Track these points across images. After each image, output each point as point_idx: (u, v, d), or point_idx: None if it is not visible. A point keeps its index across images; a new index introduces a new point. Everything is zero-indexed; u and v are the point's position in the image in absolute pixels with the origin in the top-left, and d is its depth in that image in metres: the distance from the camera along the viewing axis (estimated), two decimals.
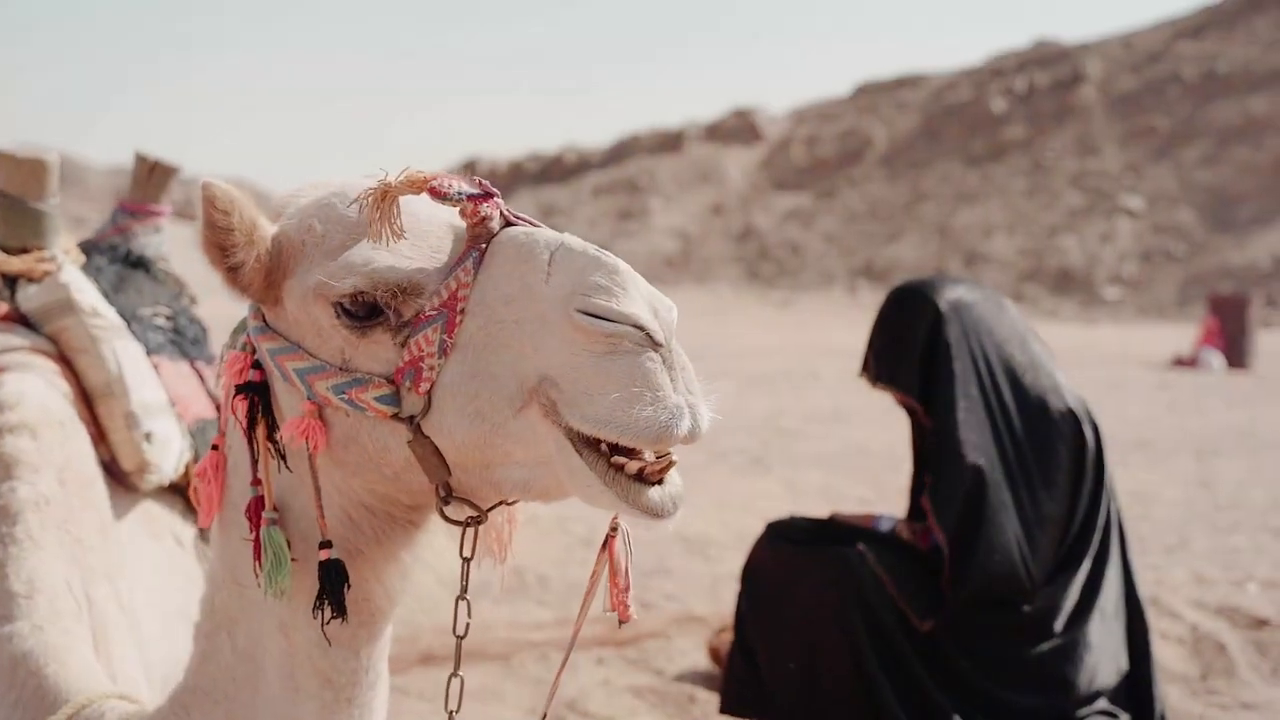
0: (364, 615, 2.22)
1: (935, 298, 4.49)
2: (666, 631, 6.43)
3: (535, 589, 7.58)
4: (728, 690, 4.78)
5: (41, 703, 2.57)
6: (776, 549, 4.60)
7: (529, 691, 5.69)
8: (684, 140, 62.54)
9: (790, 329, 31.31)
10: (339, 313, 2.04)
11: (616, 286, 1.86)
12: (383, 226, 2.00)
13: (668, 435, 1.83)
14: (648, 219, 54.89)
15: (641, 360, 1.84)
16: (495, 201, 2.00)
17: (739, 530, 9.23)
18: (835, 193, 53.15)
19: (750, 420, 15.18)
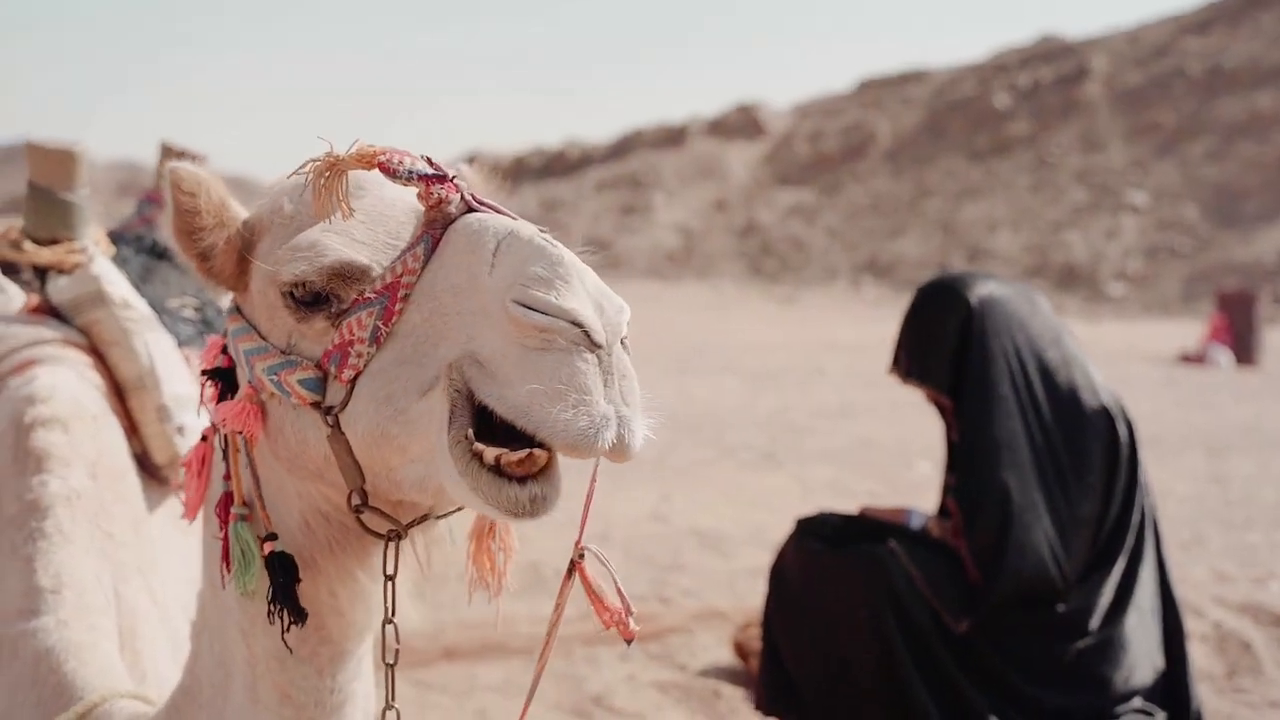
0: (321, 634, 2.11)
1: (966, 293, 4.46)
2: (689, 626, 6.42)
3: (552, 583, 7.55)
4: (762, 690, 4.75)
5: (59, 699, 2.55)
6: (806, 546, 4.57)
7: (553, 686, 5.67)
8: (687, 136, 62.46)
9: (794, 325, 31.26)
10: (285, 297, 1.95)
11: (559, 279, 1.70)
12: (327, 204, 1.88)
13: (585, 443, 1.68)
14: (651, 214, 54.82)
15: (572, 359, 1.67)
16: (455, 185, 1.86)
17: (753, 525, 9.22)
18: (839, 188, 53.07)
19: (758, 416, 15.16)
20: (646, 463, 11.90)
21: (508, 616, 6.61)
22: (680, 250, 51.72)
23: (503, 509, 1.75)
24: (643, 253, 51.35)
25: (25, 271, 3.97)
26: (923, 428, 13.88)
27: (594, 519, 6.55)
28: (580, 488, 1.97)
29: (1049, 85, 52.37)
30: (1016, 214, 45.08)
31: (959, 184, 49.23)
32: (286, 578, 2.02)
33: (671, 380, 18.40)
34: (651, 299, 39.13)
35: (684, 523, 9.29)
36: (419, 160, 1.86)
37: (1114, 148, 46.76)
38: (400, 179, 1.85)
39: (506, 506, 1.75)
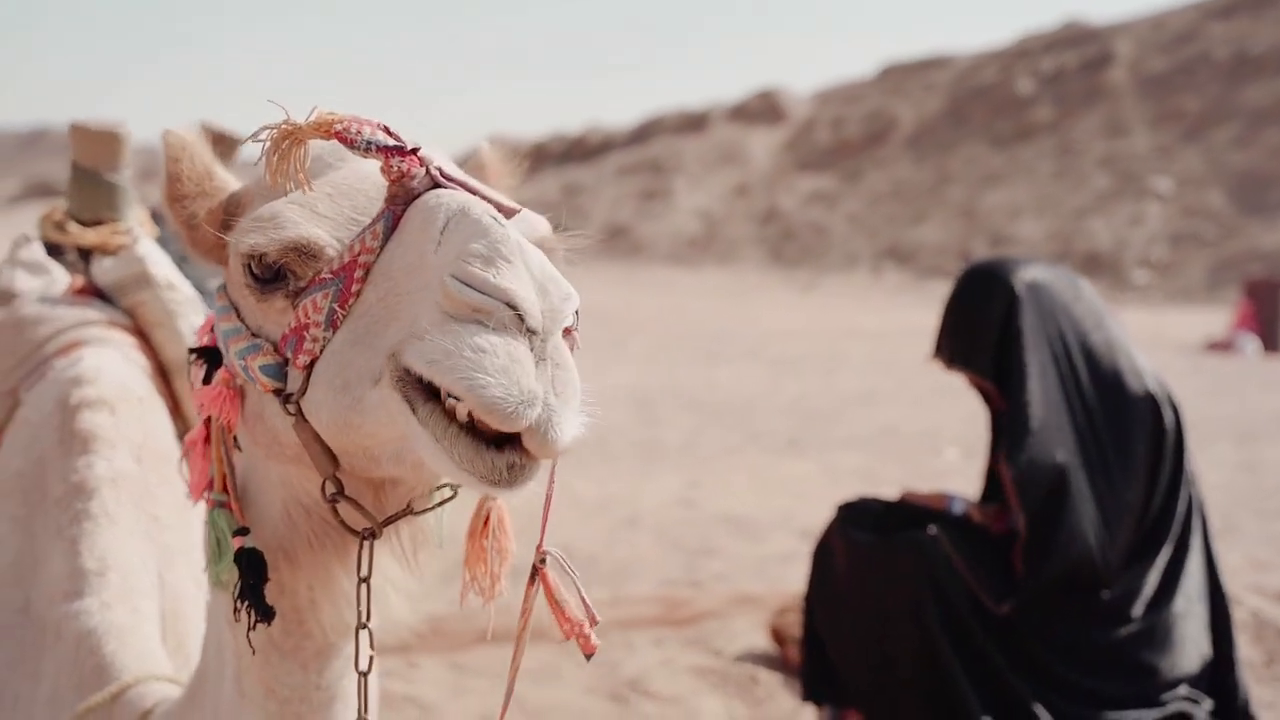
0: (303, 629, 2.02)
1: (1010, 278, 4.42)
2: (723, 611, 6.41)
3: (584, 568, 7.50)
4: (806, 677, 4.73)
5: (98, 681, 2.55)
6: (848, 532, 4.55)
7: (587, 671, 5.67)
8: (708, 121, 62.34)
9: (815, 311, 31.20)
10: (245, 272, 1.85)
11: (499, 258, 1.58)
12: (281, 174, 1.75)
13: (501, 409, 1.51)
14: (671, 200, 54.75)
15: (499, 337, 1.55)
16: (420, 158, 1.73)
17: (781, 511, 9.22)
18: (860, 174, 52.90)
19: (782, 402, 15.14)
20: (673, 448, 11.91)
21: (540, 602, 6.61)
22: (701, 236, 51.64)
23: (479, 475, 1.60)
24: (663, 238, 51.29)
25: (70, 253, 3.97)
26: (948, 415, 13.86)
27: (623, 503, 6.63)
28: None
29: (1073, 71, 52.10)
30: (1039, 201, 44.88)
31: (981, 170, 49.02)
32: (254, 576, 1.93)
33: (695, 366, 18.40)
34: (672, 285, 39.13)
35: (713, 508, 9.28)
36: (378, 130, 1.74)
37: (1138, 134, 46.50)
38: (359, 150, 1.73)
39: (483, 473, 1.59)
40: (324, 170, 1.88)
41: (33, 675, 2.77)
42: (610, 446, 11.85)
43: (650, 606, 6.51)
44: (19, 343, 3.68)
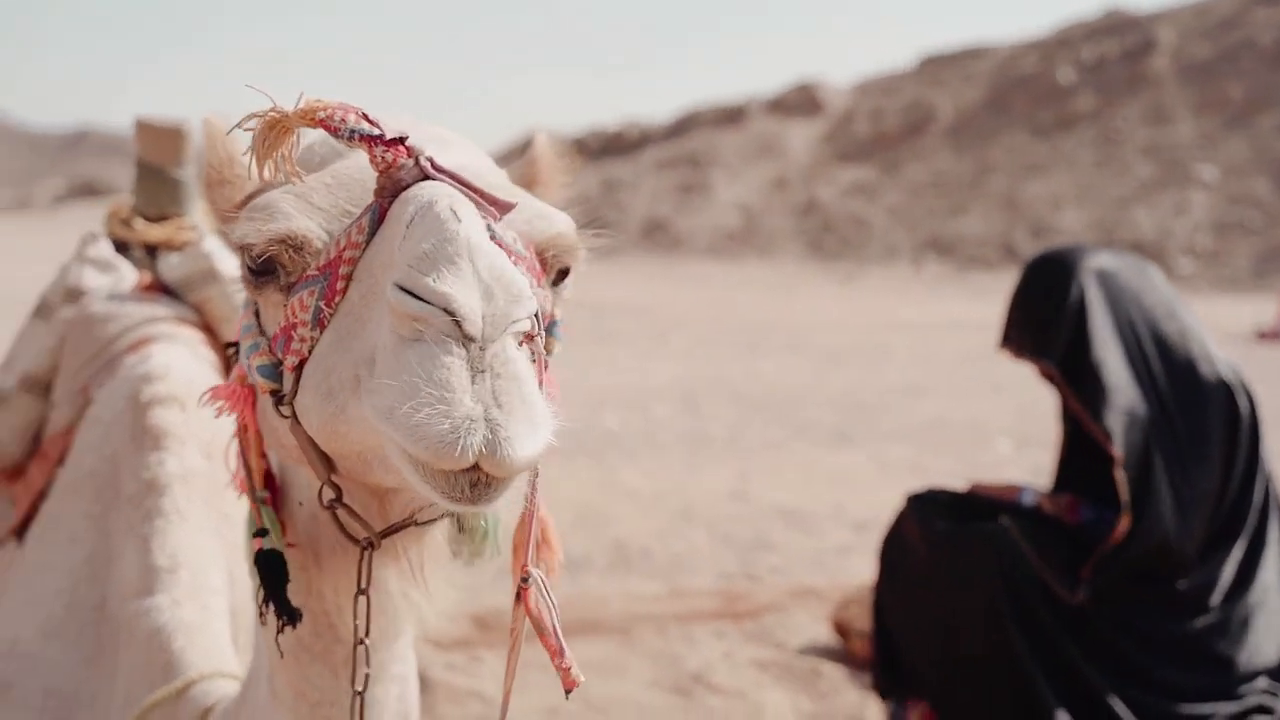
0: (333, 633, 1.98)
1: (1078, 266, 4.36)
2: (783, 604, 6.38)
3: (639, 562, 7.55)
4: (875, 669, 4.70)
5: (167, 677, 2.56)
6: (916, 524, 4.50)
7: (649, 664, 5.65)
8: (746, 114, 62.20)
9: (856, 304, 31.06)
10: (241, 264, 1.80)
11: (444, 259, 1.49)
12: (267, 163, 1.68)
13: (444, 450, 1.41)
14: (710, 194, 54.63)
15: (435, 351, 1.45)
16: (408, 148, 1.64)
17: (834, 504, 9.18)
18: (899, 166, 52.63)
19: (828, 395, 15.08)
20: (720, 441, 11.88)
21: (598, 594, 6.61)
22: (740, 229, 51.51)
23: (440, 492, 1.50)
24: (703, 232, 51.17)
25: (136, 249, 3.99)
26: (997, 407, 13.78)
27: (674, 496, 6.60)
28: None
29: (1115, 59, 51.65)
30: (1081, 190, 44.54)
31: (1022, 161, 48.68)
32: (274, 579, 1.89)
33: (738, 359, 18.36)
34: (711, 279, 39.05)
35: (765, 501, 9.25)
36: (367, 120, 1.65)
37: (1182, 122, 46.06)
38: (343, 139, 1.64)
39: (444, 490, 1.49)
40: (333, 159, 1.82)
41: (109, 673, 2.78)
42: (657, 439, 11.84)
43: (710, 600, 6.49)
44: (89, 340, 3.70)
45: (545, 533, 2.07)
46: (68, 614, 2.94)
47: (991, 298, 29.16)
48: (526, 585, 1.66)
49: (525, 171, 2.14)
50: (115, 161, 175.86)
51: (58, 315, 3.92)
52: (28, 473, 3.72)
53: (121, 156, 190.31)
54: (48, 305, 4.01)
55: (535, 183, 2.13)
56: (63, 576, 3.00)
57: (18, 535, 3.49)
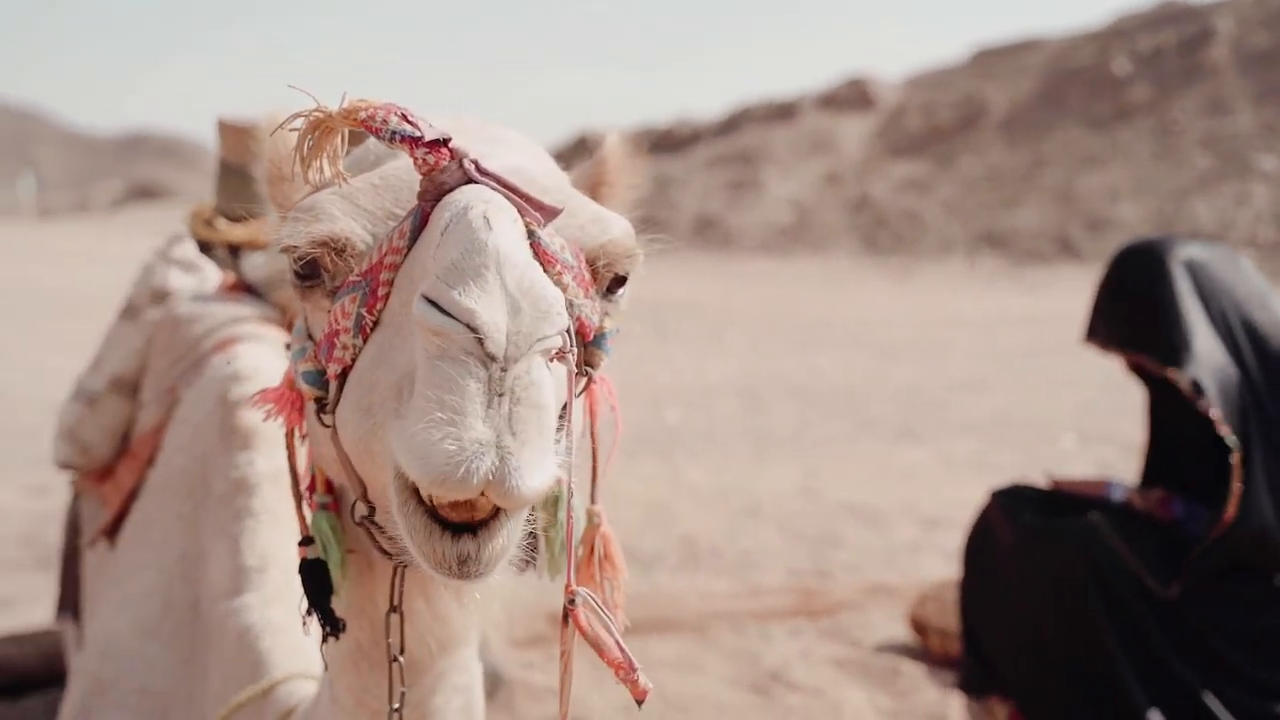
0: (388, 643, 1.93)
1: (1167, 257, 4.28)
2: (858, 602, 6.33)
3: (708, 559, 7.52)
4: (962, 667, 4.64)
5: (254, 677, 2.56)
6: (1004, 520, 4.44)
7: (726, 662, 5.63)
8: (797, 110, 61.97)
9: (912, 299, 30.82)
10: (288, 266, 1.74)
11: (470, 271, 1.41)
12: (310, 166, 1.63)
13: (447, 476, 1.35)
14: (762, 190, 54.47)
15: (454, 371, 1.38)
16: (451, 150, 1.58)
17: (902, 500, 9.11)
18: (953, 160, 52.24)
19: (890, 390, 14.97)
20: (782, 437, 11.83)
21: (673, 592, 6.59)
22: (792, 226, 51.32)
23: (430, 563, 1.46)
24: (754, 229, 51.02)
25: (219, 249, 4.02)
26: (1060, 401, 13.64)
27: (740, 492, 6.55)
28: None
29: (1172, 49, 51.01)
30: (1139, 183, 44.03)
31: (1077, 153, 48.20)
32: (318, 588, 1.86)
33: (796, 355, 18.28)
34: (765, 275, 38.95)
35: (833, 497, 9.18)
36: (409, 120, 1.58)
37: (1242, 112, 45.42)
38: (384, 140, 1.58)
39: (433, 561, 1.45)
40: (386, 160, 1.78)
41: (203, 672, 2.80)
42: (719, 436, 11.80)
43: (784, 597, 6.45)
44: (176, 341, 3.72)
45: (608, 549, 2.01)
46: (162, 613, 2.95)
47: (1048, 292, 28.94)
48: (574, 606, 1.57)
49: (593, 172, 2.09)
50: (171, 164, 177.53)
51: (144, 316, 3.95)
52: (117, 473, 3.76)
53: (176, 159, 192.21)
54: (134, 307, 4.04)
55: (602, 184, 2.08)
56: (156, 576, 3.02)
57: (109, 535, 3.52)
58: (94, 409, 3.84)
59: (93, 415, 3.83)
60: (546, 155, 1.91)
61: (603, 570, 1.99)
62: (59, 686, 4.88)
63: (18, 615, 6.34)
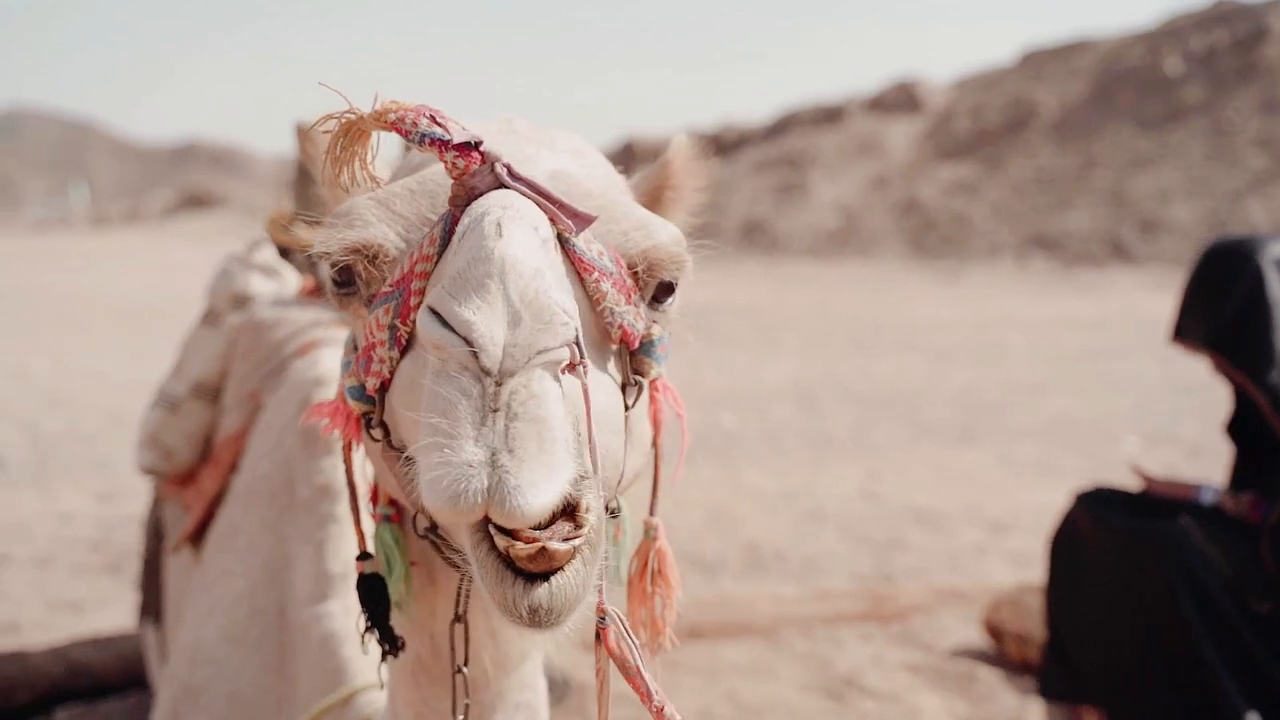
0: (449, 657, 1.88)
1: (1256, 256, 4.20)
2: (929, 606, 6.26)
3: (773, 563, 7.48)
4: (1045, 672, 4.57)
5: (336, 685, 2.55)
6: (1089, 524, 4.37)
7: (798, 666, 5.59)
8: (844, 114, 61.81)
9: (962, 302, 30.61)
10: (325, 274, 1.68)
11: (473, 281, 1.35)
12: (341, 169, 1.57)
13: (443, 505, 1.30)
14: (809, 193, 54.35)
15: (446, 391, 1.33)
16: (482, 153, 1.52)
17: (964, 503, 9.04)
18: (1002, 162, 51.92)
19: (947, 393, 14.86)
20: (842, 441, 11.77)
21: (742, 597, 6.55)
22: (840, 229, 51.16)
23: (502, 610, 1.39)
24: (802, 233, 50.89)
25: (298, 254, 4.03)
26: (1121, 404, 13.50)
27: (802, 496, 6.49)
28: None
29: (1225, 49, 50.49)
30: (1192, 184, 43.59)
31: (1129, 154, 47.78)
32: (376, 604, 1.81)
33: (851, 359, 18.19)
34: (813, 279, 38.80)
35: (896, 501, 9.11)
36: (439, 123, 1.52)
37: None
38: (414, 143, 1.52)
39: (504, 608, 1.39)
40: (427, 164, 1.72)
41: (291, 678, 2.79)
42: (778, 439, 11.75)
43: (853, 601, 6.39)
44: (258, 345, 3.73)
45: (662, 564, 1.93)
46: (249, 620, 2.95)
47: (1100, 294, 28.68)
48: (605, 625, 1.49)
49: (657, 176, 2.03)
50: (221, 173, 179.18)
51: (225, 321, 3.97)
52: (200, 479, 3.77)
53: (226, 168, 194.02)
54: (215, 312, 4.05)
55: (666, 187, 2.02)
56: (242, 582, 3.02)
57: (192, 541, 3.53)
58: (177, 415, 3.85)
59: (175, 421, 3.84)
60: (599, 160, 1.87)
61: (655, 585, 1.91)
62: (137, 690, 4.91)
63: (88, 619, 6.39)
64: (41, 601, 6.73)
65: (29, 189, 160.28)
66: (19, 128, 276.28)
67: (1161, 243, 39.31)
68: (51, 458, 10.76)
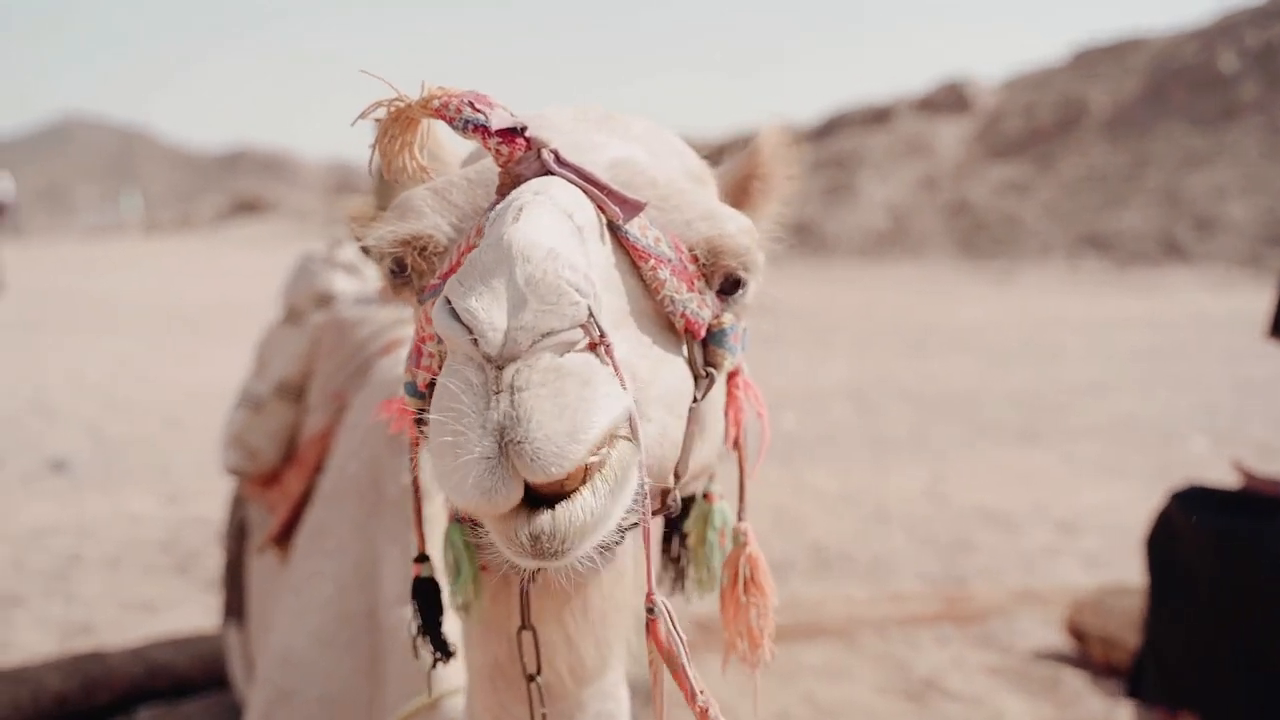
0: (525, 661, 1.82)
1: None
2: (1006, 608, 6.17)
3: (840, 564, 7.41)
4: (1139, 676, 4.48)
5: (424, 687, 2.53)
6: (1190, 523, 4.27)
7: (875, 668, 5.52)
8: (893, 114, 61.56)
9: (1014, 303, 30.37)
10: (385, 266, 1.63)
11: (482, 268, 1.29)
12: (394, 158, 1.53)
13: (473, 500, 1.25)
14: (858, 194, 54.16)
15: (454, 380, 1.27)
16: (528, 139, 1.47)
17: (1032, 503, 8.95)
18: (1053, 162, 51.52)
19: (1006, 394, 14.72)
20: (902, 441, 11.68)
21: (814, 598, 6.49)
22: (889, 230, 50.95)
23: (504, 543, 1.32)
24: (851, 234, 50.70)
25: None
26: (1184, 404, 13.33)
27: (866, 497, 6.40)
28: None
29: None
30: (1248, 181, 43.09)
31: (1183, 152, 47.31)
32: (429, 609, 1.79)
33: (905, 359, 18.07)
34: (863, 280, 38.66)
35: (961, 502, 9.02)
36: (483, 108, 1.46)
37: None
38: (458, 130, 1.47)
39: (505, 538, 1.32)
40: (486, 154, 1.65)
41: (381, 681, 2.77)
42: (838, 440, 11.67)
43: (927, 603, 6.31)
44: (342, 344, 3.71)
45: (755, 571, 1.86)
46: (339, 622, 2.93)
47: (1156, 294, 28.39)
48: (654, 616, 1.44)
49: (744, 165, 1.99)
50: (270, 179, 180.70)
51: (308, 320, 3.95)
52: (284, 479, 3.75)
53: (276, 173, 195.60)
54: (297, 311, 4.04)
55: (754, 177, 1.98)
56: (331, 584, 3.00)
57: (277, 543, 3.51)
58: (261, 414, 3.84)
59: (260, 421, 3.82)
60: (677, 149, 1.83)
61: (749, 594, 1.85)
62: (216, 690, 4.91)
63: (161, 619, 6.41)
64: (114, 602, 6.77)
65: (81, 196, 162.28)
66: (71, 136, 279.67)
67: (1217, 241, 38.90)
68: (115, 460, 10.83)
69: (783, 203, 2.04)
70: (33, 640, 6.08)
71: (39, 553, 7.80)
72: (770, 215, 2.07)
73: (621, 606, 1.88)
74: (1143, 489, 9.20)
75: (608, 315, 1.42)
